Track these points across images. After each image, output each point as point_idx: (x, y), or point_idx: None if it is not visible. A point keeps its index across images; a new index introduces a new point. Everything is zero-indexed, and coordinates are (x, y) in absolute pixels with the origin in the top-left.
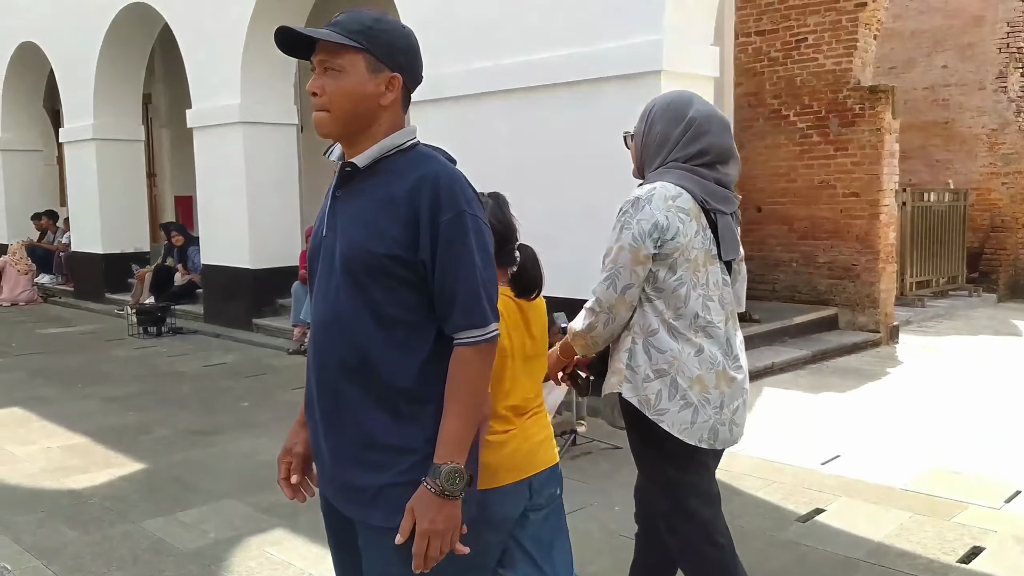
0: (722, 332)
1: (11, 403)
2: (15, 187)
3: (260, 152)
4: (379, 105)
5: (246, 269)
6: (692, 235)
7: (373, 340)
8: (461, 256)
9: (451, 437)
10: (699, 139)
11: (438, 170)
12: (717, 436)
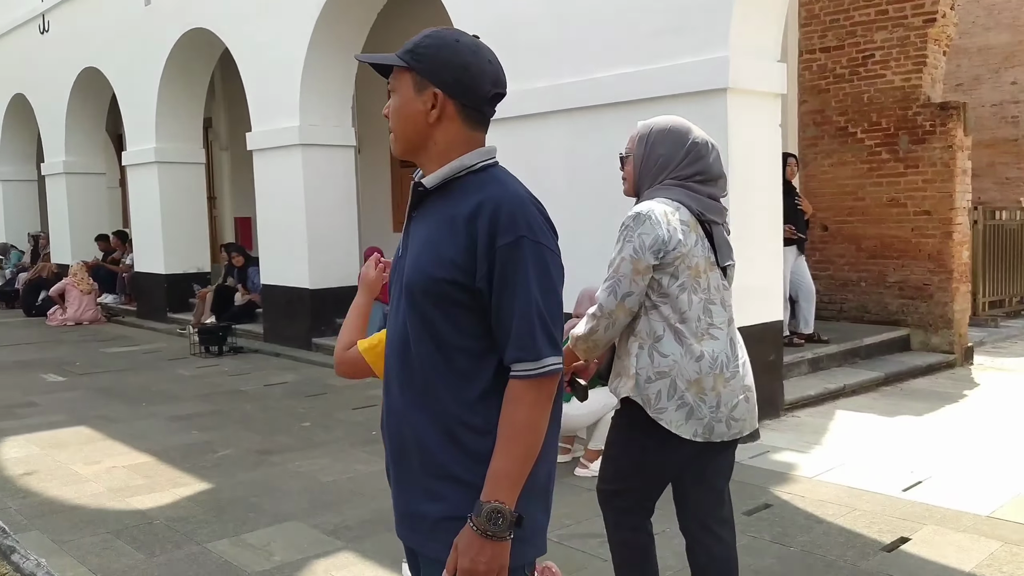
0: (725, 333)
1: (76, 422)
2: (79, 209)
3: (319, 173)
4: (427, 123)
5: (305, 289)
6: (692, 244)
7: (435, 367)
8: (518, 285)
9: (498, 475)
10: (697, 162)
11: (501, 193)
12: (712, 431)
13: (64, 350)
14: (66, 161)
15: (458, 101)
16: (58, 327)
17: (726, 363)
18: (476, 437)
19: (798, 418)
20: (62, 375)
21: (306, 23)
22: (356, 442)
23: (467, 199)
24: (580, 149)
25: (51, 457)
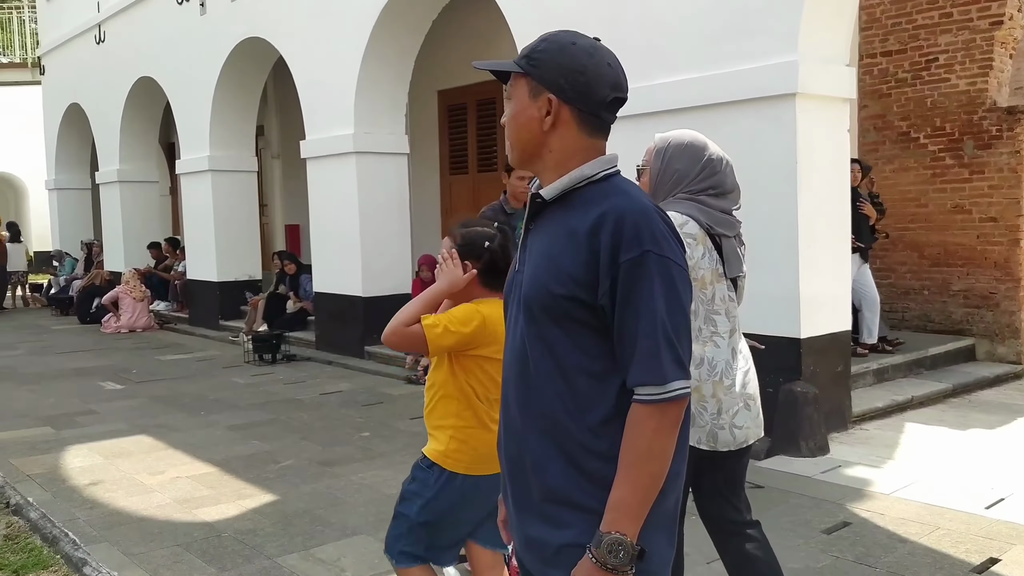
0: (726, 343)
1: (137, 431)
2: (133, 217)
3: (372, 181)
4: (541, 131)
5: (358, 297)
6: (699, 257)
7: (554, 388)
8: (642, 302)
9: (618, 505)
10: (711, 177)
11: (625, 204)
12: (717, 439)
13: (119, 357)
14: (120, 170)
15: (574, 106)
16: (112, 334)
17: (725, 371)
18: (601, 463)
19: (867, 431)
20: (119, 383)
21: (362, 31)
22: (417, 453)
23: (588, 211)
24: (640, 158)
25: (115, 467)
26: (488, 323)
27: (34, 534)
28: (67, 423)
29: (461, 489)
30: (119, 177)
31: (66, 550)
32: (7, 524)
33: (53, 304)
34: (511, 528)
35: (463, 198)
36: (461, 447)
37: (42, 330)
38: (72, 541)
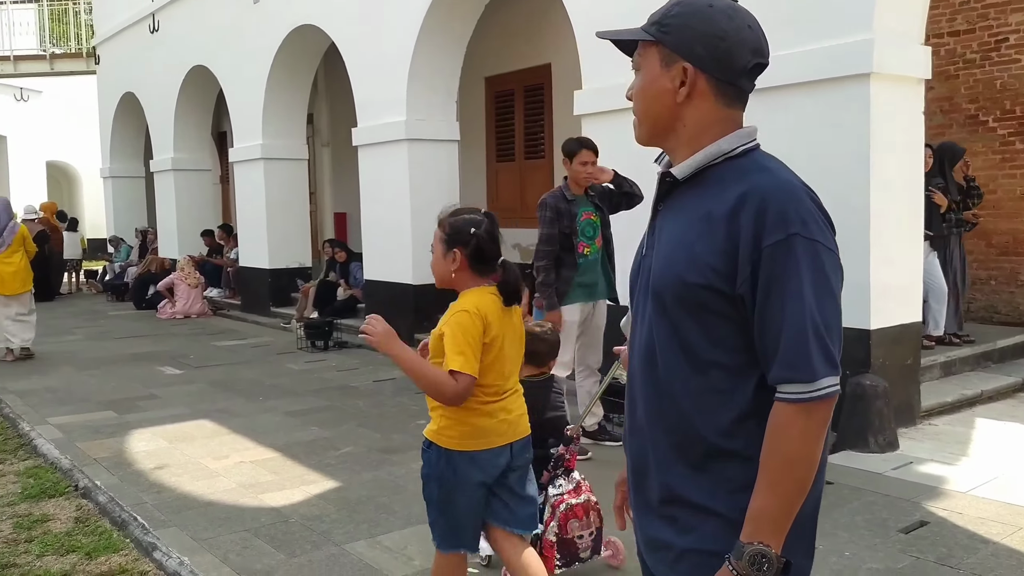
0: None
1: (198, 415)
2: (186, 205)
3: (424, 168)
4: (675, 103)
5: (408, 285)
6: None
7: (685, 383)
8: (787, 291)
9: (760, 514)
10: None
11: (768, 182)
12: None
13: (176, 343)
14: (174, 158)
15: (711, 76)
16: (168, 320)
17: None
18: (732, 465)
19: (936, 426)
20: (178, 368)
21: (415, 16)
22: None
23: (726, 191)
24: None
25: (179, 451)
26: (486, 317)
27: (103, 517)
28: (129, 407)
29: (457, 465)
30: (173, 165)
31: (135, 534)
32: (77, 507)
33: (109, 290)
34: (636, 526)
35: (509, 186)
36: (451, 424)
37: (99, 315)
38: (141, 525)
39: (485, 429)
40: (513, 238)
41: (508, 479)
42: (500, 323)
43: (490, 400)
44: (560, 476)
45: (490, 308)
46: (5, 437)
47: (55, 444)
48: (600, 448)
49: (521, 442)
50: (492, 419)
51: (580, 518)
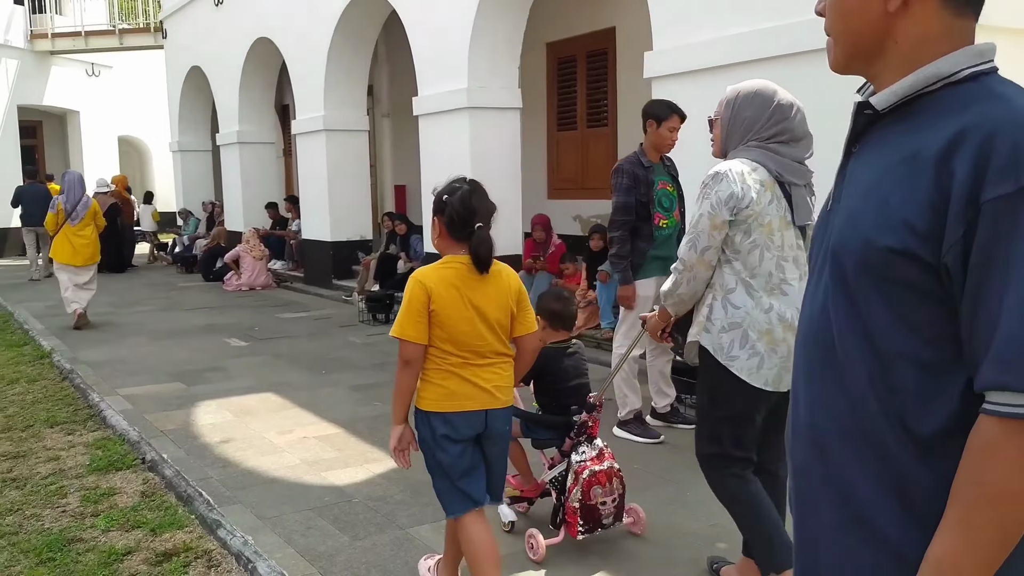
0: (796, 289)
1: (263, 388)
2: (251, 178)
3: (485, 138)
4: (885, 13)
5: None
6: (766, 203)
7: (867, 378)
8: (1013, 263)
9: (944, 561)
10: (780, 123)
11: (1000, 114)
12: (781, 380)
13: (242, 315)
14: (239, 131)
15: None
16: (234, 292)
17: (793, 319)
18: (931, 491)
19: None
20: (244, 340)
21: None
22: None
23: (940, 126)
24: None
25: (244, 424)
26: (432, 287)
27: (169, 492)
28: (197, 379)
29: (434, 426)
30: (239, 138)
31: (200, 510)
32: (143, 481)
33: (178, 262)
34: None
35: (570, 155)
36: (427, 387)
37: (169, 287)
38: (206, 501)
39: (455, 392)
40: (574, 209)
41: (484, 447)
42: (458, 292)
43: (460, 365)
44: (583, 443)
45: (444, 277)
46: (76, 408)
47: (124, 416)
48: (672, 431)
49: (497, 412)
50: (464, 384)
51: (603, 484)
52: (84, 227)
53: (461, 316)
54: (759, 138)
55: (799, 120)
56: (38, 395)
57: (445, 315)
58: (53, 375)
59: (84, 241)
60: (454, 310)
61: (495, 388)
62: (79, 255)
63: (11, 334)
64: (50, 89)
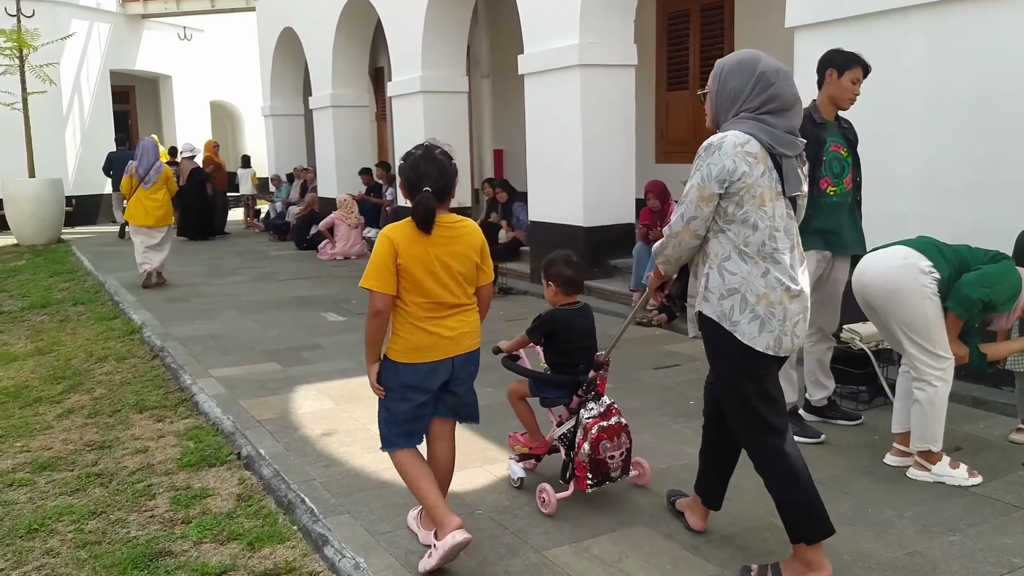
0: (787, 259)
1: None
2: (345, 142)
3: (597, 97)
4: None
5: (578, 227)
6: (758, 176)
7: None
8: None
9: None
10: (766, 90)
11: None
12: (781, 345)
13: (337, 286)
14: (333, 94)
15: None
16: (328, 261)
17: (792, 280)
18: None
19: None
20: (341, 314)
21: None
22: (672, 413)
23: None
24: (945, 54)
25: (347, 414)
26: (397, 243)
27: (267, 496)
28: (293, 359)
29: (401, 373)
30: (332, 102)
31: (303, 521)
32: (239, 480)
33: (271, 230)
34: None
35: (681, 117)
36: (396, 339)
37: (262, 256)
38: (310, 510)
39: (421, 345)
40: (683, 174)
41: (454, 387)
42: (421, 248)
43: (426, 317)
44: (591, 400)
45: (407, 234)
46: (166, 391)
47: (217, 401)
48: (831, 428)
49: (463, 357)
50: (429, 336)
51: (611, 439)
52: (156, 191)
53: (426, 269)
54: (749, 109)
55: (785, 86)
56: (127, 375)
57: (411, 268)
58: (143, 352)
59: (156, 204)
60: (419, 263)
61: (460, 335)
62: (150, 216)
63: (101, 306)
64: (142, 54)
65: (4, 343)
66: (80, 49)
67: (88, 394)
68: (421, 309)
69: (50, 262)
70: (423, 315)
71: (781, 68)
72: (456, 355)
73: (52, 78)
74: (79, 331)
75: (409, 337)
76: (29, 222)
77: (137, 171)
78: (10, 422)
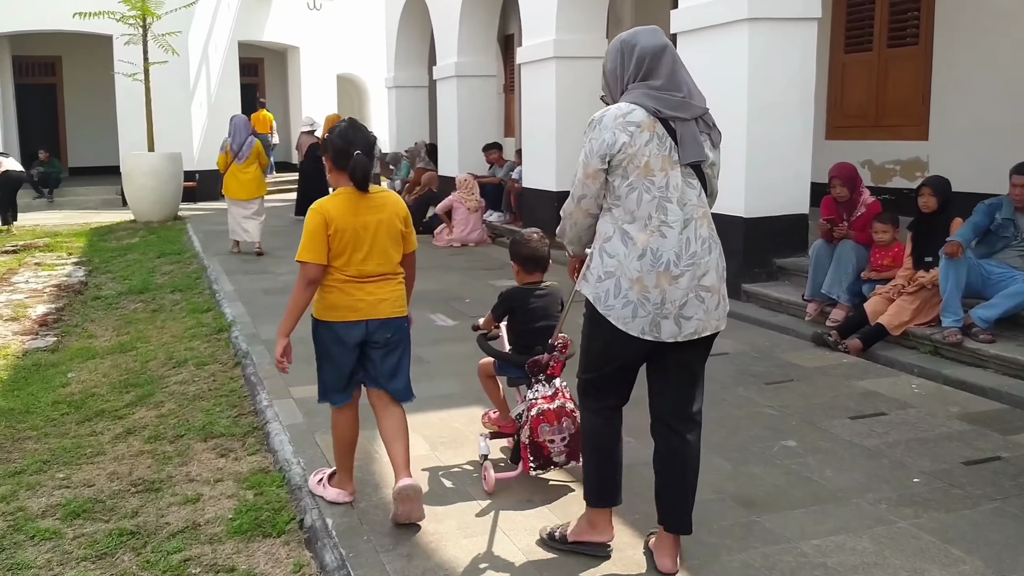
0: (676, 232)
1: (470, 397)
2: (468, 116)
3: (770, 59)
4: None
5: (738, 218)
6: (642, 144)
7: None
8: None
9: None
10: (633, 56)
11: None
12: (661, 329)
13: (452, 280)
14: (458, 63)
15: None
16: (444, 248)
17: (674, 261)
18: None
19: None
20: (452, 316)
21: None
22: (891, 497)
23: None
24: None
25: (443, 464)
26: (328, 212)
27: None
28: None
29: (320, 331)
30: (456, 71)
31: None
32: (295, 567)
33: None
34: None
35: (860, 84)
36: (318, 298)
37: None
38: None
39: (338, 305)
40: (861, 152)
41: (370, 352)
42: (349, 217)
43: (346, 280)
44: (541, 381)
45: (337, 204)
46: (240, 412)
47: (291, 435)
48: None
49: (377, 322)
50: (347, 297)
51: (551, 423)
52: (248, 165)
53: (355, 237)
54: (632, 80)
55: (661, 60)
56: (203, 386)
57: (340, 237)
58: (226, 357)
59: (248, 177)
60: (348, 233)
61: (377, 300)
62: (244, 190)
63: (198, 294)
64: (271, 24)
65: (90, 335)
66: (209, 19)
67: (155, 409)
68: (343, 274)
69: (162, 240)
70: (344, 279)
71: (660, 45)
72: (371, 318)
73: (175, 48)
74: (168, 325)
75: (328, 296)
76: (147, 197)
77: (231, 147)
78: (62, 442)
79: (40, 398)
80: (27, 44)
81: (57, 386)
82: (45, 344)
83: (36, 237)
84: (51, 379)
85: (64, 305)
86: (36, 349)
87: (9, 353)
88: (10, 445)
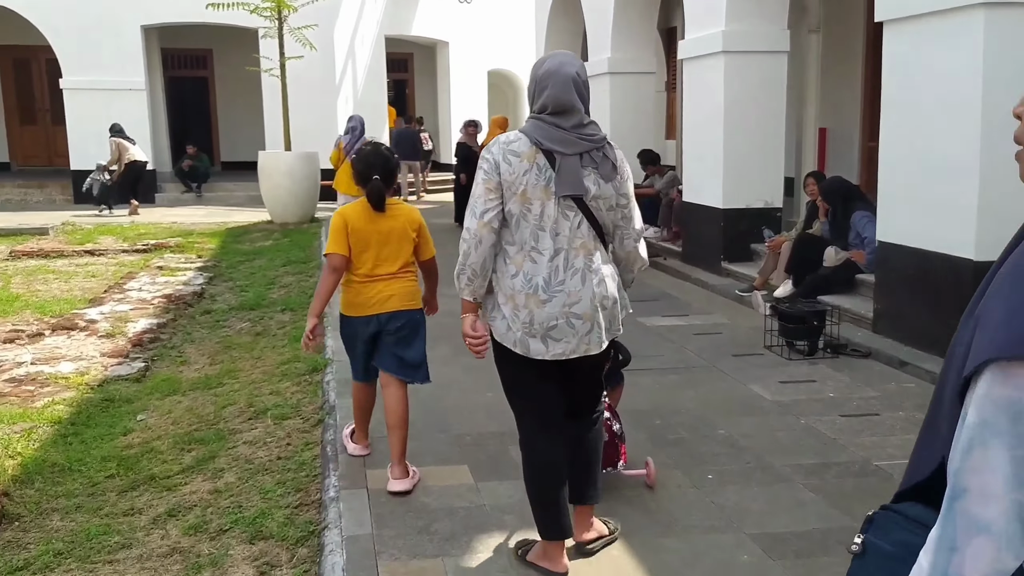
0: (546, 260)
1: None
2: (623, 115)
3: (1010, 49)
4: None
5: (960, 259)
6: (520, 174)
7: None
8: None
9: None
10: (543, 94)
11: None
12: (529, 347)
13: None
14: (611, 59)
15: None
16: None
17: (543, 287)
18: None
19: None
20: None
21: None
22: None
23: None
24: None
25: None
26: (348, 218)
27: None
28: (498, 458)
29: (344, 325)
30: (609, 68)
31: None
32: None
33: None
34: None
35: None
36: (343, 296)
37: None
38: None
39: (354, 302)
40: None
41: (383, 340)
42: (364, 224)
43: (359, 281)
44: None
45: (355, 212)
46: (302, 500)
47: (347, 555)
48: None
49: (387, 315)
50: (360, 295)
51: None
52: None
53: (368, 241)
54: (535, 111)
55: (558, 90)
56: (273, 451)
57: (357, 239)
58: (311, 409)
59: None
60: (364, 235)
61: (387, 296)
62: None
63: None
64: (419, 18)
65: (183, 360)
66: (355, 13)
67: (212, 481)
68: (357, 275)
69: (294, 245)
70: (358, 280)
71: (560, 71)
72: (381, 312)
73: (314, 43)
74: (265, 355)
75: (347, 295)
76: (282, 198)
77: (345, 146)
78: (90, 522)
79: (92, 450)
80: (177, 37)
81: (119, 433)
82: (130, 371)
83: (171, 235)
84: (117, 422)
85: (168, 321)
86: (117, 377)
87: (86, 383)
88: (31, 520)
